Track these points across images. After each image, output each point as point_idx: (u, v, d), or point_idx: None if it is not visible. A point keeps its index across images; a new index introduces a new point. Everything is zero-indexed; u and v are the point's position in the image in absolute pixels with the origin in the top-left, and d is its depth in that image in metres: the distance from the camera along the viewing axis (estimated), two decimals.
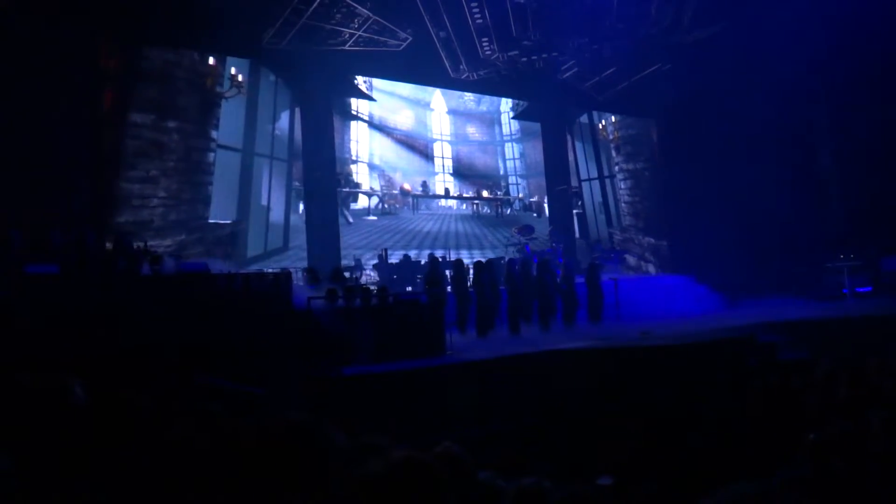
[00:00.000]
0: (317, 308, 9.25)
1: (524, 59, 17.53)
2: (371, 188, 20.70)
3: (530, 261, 14.16)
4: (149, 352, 6.96)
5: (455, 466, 2.53)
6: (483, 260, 13.88)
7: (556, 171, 19.93)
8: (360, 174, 20.51)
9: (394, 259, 16.66)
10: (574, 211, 21.53)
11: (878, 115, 16.92)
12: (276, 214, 16.83)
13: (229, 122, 15.23)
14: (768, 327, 11.40)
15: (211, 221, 14.51)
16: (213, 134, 14.70)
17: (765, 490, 1.58)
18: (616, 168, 21.49)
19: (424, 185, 22.11)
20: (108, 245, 10.51)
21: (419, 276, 14.45)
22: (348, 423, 2.41)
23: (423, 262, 15.27)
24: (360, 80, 19.70)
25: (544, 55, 17.54)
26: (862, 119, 17.18)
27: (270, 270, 12.63)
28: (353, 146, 20.26)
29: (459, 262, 12.88)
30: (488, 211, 23.12)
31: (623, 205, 21.33)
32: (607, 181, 21.60)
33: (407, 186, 21.79)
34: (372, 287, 11.98)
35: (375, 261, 16.62)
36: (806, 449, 3.09)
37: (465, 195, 23.17)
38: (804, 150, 18.78)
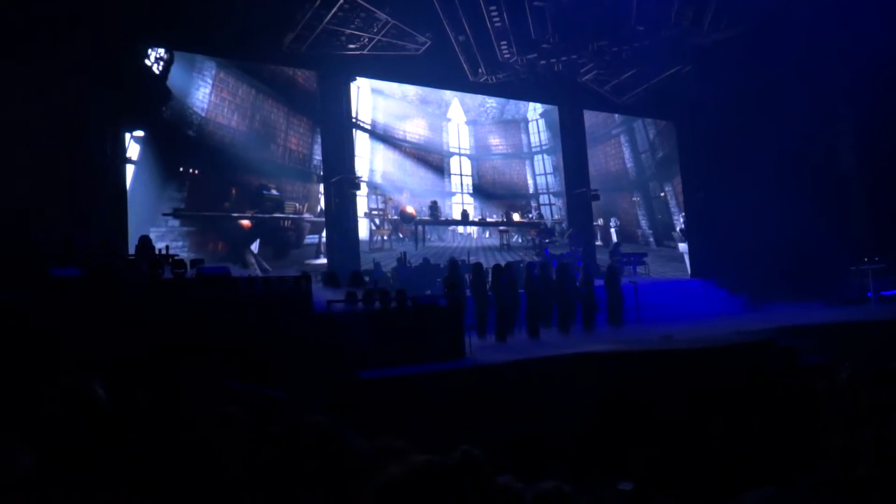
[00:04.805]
0: (336, 311, 9.28)
1: (543, 61, 17.49)
2: (365, 212, 16.93)
3: (549, 264, 14.12)
4: (170, 355, 7.01)
5: (474, 470, 2.52)
6: (502, 263, 13.85)
7: (575, 173, 19.76)
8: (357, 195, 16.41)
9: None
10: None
11: None
12: None
13: None
14: (790, 331, 11.27)
15: None
16: None
17: (789, 494, 1.56)
18: None
19: (434, 206, 18.03)
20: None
21: (438, 280, 14.45)
22: (367, 427, 2.41)
23: (442, 266, 15.27)
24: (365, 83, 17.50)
25: (563, 58, 17.50)
26: (886, 120, 16.98)
27: (290, 274, 12.64)
28: None
29: (478, 265, 12.86)
30: (520, 240, 19.09)
31: None
32: None
33: (410, 210, 17.61)
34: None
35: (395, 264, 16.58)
36: (831, 454, 3.05)
37: (489, 220, 19.16)
38: (827, 152, 18.62)
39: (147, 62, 13.50)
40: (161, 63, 13.72)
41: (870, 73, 16.97)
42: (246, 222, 14.46)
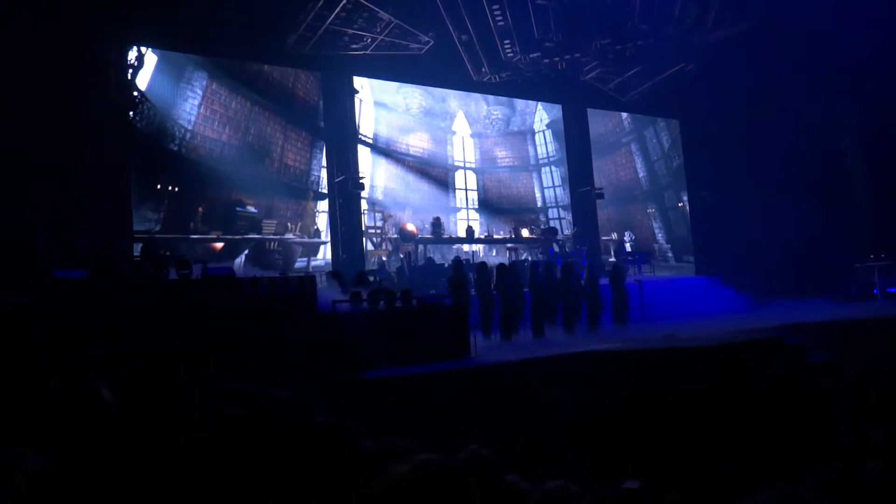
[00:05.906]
0: (341, 311, 9.28)
1: (546, 60, 17.48)
2: (363, 230, 16.09)
3: (554, 263, 14.10)
4: (176, 356, 7.02)
5: (480, 470, 2.52)
6: (506, 262, 13.83)
7: (579, 171, 19.66)
8: None
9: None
10: None
11: None
12: None
13: None
14: (796, 329, 11.24)
15: None
16: None
17: (794, 495, 1.55)
18: None
19: (437, 223, 16.91)
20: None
21: (443, 279, 14.43)
22: (372, 427, 2.41)
23: (447, 266, 15.23)
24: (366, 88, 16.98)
25: (567, 56, 17.48)
26: (890, 116, 16.92)
27: (295, 275, 12.54)
28: None
29: (483, 264, 12.85)
30: (529, 258, 17.50)
31: None
32: None
33: (411, 228, 16.65)
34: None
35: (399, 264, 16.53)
36: (837, 453, 3.04)
37: (496, 236, 18.17)
38: (831, 148, 18.57)
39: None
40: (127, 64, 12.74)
41: (875, 70, 16.91)
42: (218, 244, 12.98)
